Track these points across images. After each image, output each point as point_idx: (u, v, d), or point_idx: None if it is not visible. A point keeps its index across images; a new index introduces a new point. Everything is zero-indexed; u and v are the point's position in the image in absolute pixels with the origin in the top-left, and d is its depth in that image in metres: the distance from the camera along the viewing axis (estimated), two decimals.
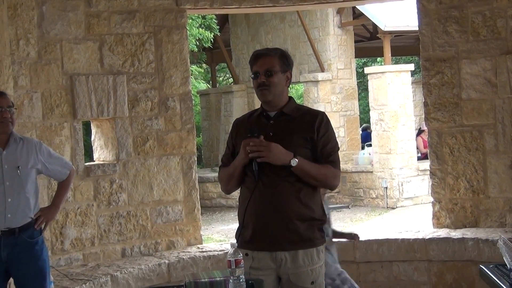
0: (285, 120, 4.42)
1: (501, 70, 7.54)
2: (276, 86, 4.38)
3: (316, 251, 4.38)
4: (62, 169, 5.50)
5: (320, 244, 4.40)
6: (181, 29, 7.87)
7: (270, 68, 4.38)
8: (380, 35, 18.17)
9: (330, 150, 4.37)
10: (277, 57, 4.43)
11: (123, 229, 7.56)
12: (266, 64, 4.39)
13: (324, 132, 4.38)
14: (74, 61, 7.32)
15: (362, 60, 29.40)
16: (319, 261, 4.39)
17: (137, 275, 7.02)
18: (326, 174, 4.34)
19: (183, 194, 7.88)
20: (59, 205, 5.54)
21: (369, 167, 17.54)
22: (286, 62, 4.45)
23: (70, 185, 5.70)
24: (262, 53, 4.48)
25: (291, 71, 4.50)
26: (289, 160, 4.24)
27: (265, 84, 4.37)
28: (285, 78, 4.43)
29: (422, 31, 7.87)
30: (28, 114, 6.94)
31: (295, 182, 4.31)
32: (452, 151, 7.77)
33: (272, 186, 4.32)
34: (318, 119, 4.40)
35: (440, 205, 7.91)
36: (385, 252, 7.51)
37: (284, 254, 4.34)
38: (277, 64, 4.40)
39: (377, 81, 17.17)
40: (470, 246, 7.21)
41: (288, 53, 4.57)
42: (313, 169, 4.30)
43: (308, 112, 4.49)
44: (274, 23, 20.63)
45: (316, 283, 4.37)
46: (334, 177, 4.39)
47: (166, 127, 7.78)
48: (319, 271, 4.39)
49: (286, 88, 4.47)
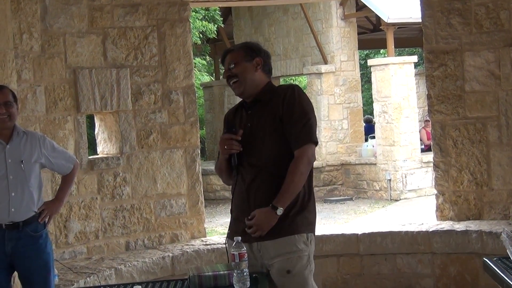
0: (260, 106, 4.42)
1: (504, 62, 7.52)
2: (242, 75, 4.41)
3: (293, 239, 4.27)
4: (66, 163, 5.50)
5: (297, 233, 4.28)
6: (184, 22, 7.87)
7: (232, 61, 4.44)
8: (383, 27, 18.18)
9: (298, 127, 4.27)
10: (241, 50, 4.49)
11: (127, 222, 7.57)
12: (230, 59, 4.46)
13: (288, 105, 4.30)
14: (77, 54, 7.32)
15: (365, 52, 29.35)
16: (299, 251, 4.27)
17: (141, 268, 7.03)
18: (299, 175, 4.24)
19: (186, 187, 7.89)
20: (63, 199, 5.54)
21: (372, 159, 17.56)
22: (250, 51, 4.47)
23: (74, 179, 5.69)
24: (226, 51, 4.55)
25: (262, 57, 4.47)
26: (276, 215, 4.20)
27: (231, 76, 4.43)
28: (253, 65, 4.43)
29: (425, 23, 7.85)
30: (32, 108, 6.95)
31: (274, 172, 4.30)
32: (455, 144, 7.77)
33: (248, 179, 4.37)
34: (283, 94, 4.35)
35: (444, 197, 7.91)
36: (389, 245, 7.51)
37: (257, 244, 4.31)
38: (240, 56, 4.44)
39: (380, 73, 17.18)
40: (473, 238, 7.21)
41: (255, 43, 4.60)
42: (291, 190, 4.23)
43: (277, 91, 4.43)
44: (277, 16, 20.62)
45: (293, 272, 4.26)
46: (304, 164, 4.25)
47: (169, 120, 7.78)
48: (298, 261, 4.26)
49: (257, 74, 4.45)
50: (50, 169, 5.53)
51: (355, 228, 7.83)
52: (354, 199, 17.49)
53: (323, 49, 18.84)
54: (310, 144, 4.28)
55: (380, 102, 17.21)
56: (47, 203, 5.37)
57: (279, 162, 4.30)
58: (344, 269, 7.59)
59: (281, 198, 4.22)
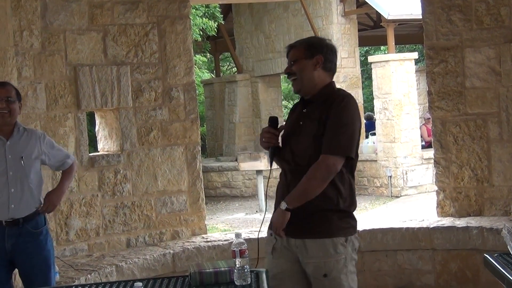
0: (313, 108, 4.43)
1: (505, 58, 7.52)
2: (300, 73, 4.42)
3: (331, 243, 4.30)
4: (64, 160, 5.51)
5: (336, 236, 4.30)
6: (184, 19, 7.87)
7: (293, 59, 4.45)
8: (384, 23, 18.17)
9: (328, 136, 4.26)
10: (302, 47, 4.47)
11: (127, 219, 7.57)
12: (291, 55, 4.48)
13: (331, 113, 4.29)
14: (77, 51, 7.32)
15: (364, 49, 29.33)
16: (336, 254, 4.29)
17: (142, 265, 7.04)
18: (313, 181, 4.25)
19: (187, 184, 7.89)
20: (63, 188, 5.51)
21: (373, 155, 17.56)
22: (311, 48, 4.44)
23: (73, 174, 5.69)
24: (289, 46, 4.55)
25: (324, 54, 4.43)
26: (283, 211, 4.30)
27: (291, 73, 4.46)
28: (312, 62, 4.41)
29: (426, 19, 7.85)
30: (32, 105, 6.95)
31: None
32: (456, 140, 7.77)
33: (290, 176, 4.43)
34: (332, 102, 4.34)
35: (444, 193, 7.91)
36: (390, 241, 7.51)
37: (295, 241, 4.36)
38: (300, 53, 4.44)
39: (381, 69, 17.17)
40: (474, 234, 7.21)
41: (319, 38, 4.60)
42: (301, 191, 4.28)
43: (331, 96, 4.40)
44: (278, 12, 20.61)
45: (329, 276, 4.29)
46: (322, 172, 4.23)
47: (170, 117, 7.78)
48: (335, 265, 4.29)
49: (316, 72, 4.42)
50: (49, 165, 5.54)
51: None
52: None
53: None
54: (336, 155, 4.24)
55: (380, 98, 17.21)
56: (48, 193, 5.37)
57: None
58: None
59: (290, 196, 4.30)
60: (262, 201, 15.57)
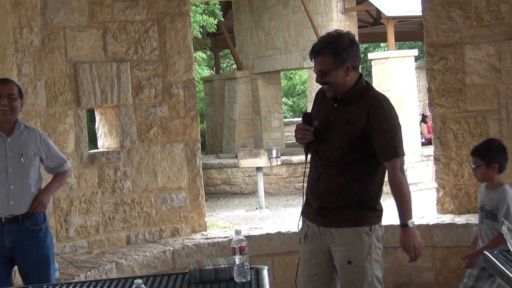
0: (345, 105, 4.52)
1: (505, 55, 7.52)
2: (334, 82, 4.46)
3: (355, 232, 4.47)
4: (58, 165, 5.47)
5: (360, 225, 4.49)
6: (184, 16, 7.87)
7: (323, 69, 4.46)
8: (384, 20, 18.15)
9: (384, 142, 4.43)
10: (329, 55, 4.42)
11: (127, 216, 7.57)
12: (319, 64, 4.48)
13: (374, 119, 4.41)
14: (77, 48, 7.31)
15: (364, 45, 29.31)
16: (360, 242, 4.47)
17: (142, 262, 7.04)
18: (400, 185, 4.48)
19: (187, 181, 7.89)
20: (52, 188, 5.49)
21: None
22: (340, 57, 4.42)
23: (65, 178, 5.67)
24: (314, 52, 4.50)
25: (352, 59, 4.46)
26: (411, 229, 4.54)
27: (323, 83, 4.50)
28: (344, 69, 4.44)
29: (426, 16, 7.85)
30: (32, 102, 6.95)
31: (341, 170, 4.49)
32: (456, 137, 7.76)
33: (320, 170, 4.59)
34: (369, 104, 4.44)
35: (444, 191, 7.91)
36: (389, 238, 7.47)
37: (324, 229, 4.57)
38: (329, 63, 4.43)
39: (380, 66, 17.14)
40: (474, 231, 7.19)
41: (343, 39, 4.49)
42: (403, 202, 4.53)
43: (365, 95, 4.50)
44: (278, 9, 20.59)
45: (353, 263, 4.47)
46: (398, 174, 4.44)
47: (170, 114, 7.78)
48: (359, 252, 4.47)
49: (349, 77, 4.47)
50: (45, 166, 5.48)
51: None
52: None
53: None
54: (397, 158, 4.45)
55: None
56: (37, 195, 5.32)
57: (348, 164, 4.48)
58: None
59: (402, 214, 4.51)
60: (262, 198, 15.57)
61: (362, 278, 4.48)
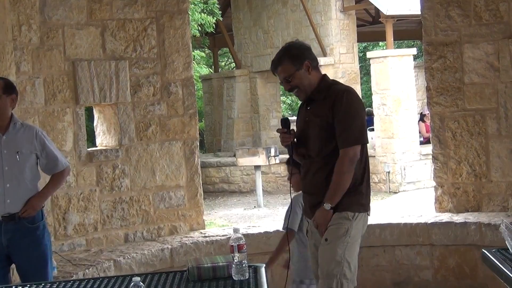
0: (314, 105, 4.83)
1: (503, 54, 7.52)
2: (301, 83, 4.78)
3: (337, 215, 4.70)
4: (54, 164, 5.40)
5: (343, 210, 4.71)
6: (183, 14, 7.86)
7: (286, 75, 4.78)
8: (383, 19, 18.14)
9: (341, 131, 4.66)
10: (289, 61, 4.77)
11: (125, 214, 7.57)
12: (282, 73, 4.81)
13: (336, 109, 4.68)
14: (76, 46, 7.31)
15: (363, 44, 29.33)
16: (338, 223, 4.69)
17: (140, 260, 7.04)
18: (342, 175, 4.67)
19: (185, 179, 7.89)
20: (47, 194, 5.47)
21: (371, 151, 17.51)
22: (296, 58, 4.76)
23: (62, 180, 5.60)
24: (274, 64, 4.84)
25: (308, 58, 4.79)
26: (326, 210, 4.70)
27: (292, 88, 4.81)
28: (304, 69, 4.76)
29: (425, 15, 7.85)
30: (31, 100, 6.94)
31: (322, 164, 4.76)
32: (454, 136, 7.77)
33: (305, 168, 4.89)
34: (334, 98, 4.71)
35: (443, 189, 7.91)
36: (388, 237, 7.52)
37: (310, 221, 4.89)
38: (289, 67, 4.76)
39: (379, 65, 17.14)
40: (472, 230, 7.22)
41: (295, 45, 4.87)
42: (336, 188, 4.69)
43: (331, 91, 4.77)
44: (276, 8, 20.57)
45: (328, 240, 4.69)
46: (346, 164, 4.67)
47: (168, 112, 7.78)
48: (335, 231, 4.68)
49: (311, 75, 4.79)
50: (40, 165, 5.42)
51: None
52: None
53: (322, 41, 18.78)
54: (352, 146, 4.67)
55: (379, 94, 17.18)
56: (30, 197, 5.28)
57: (326, 157, 4.74)
58: None
59: (328, 195, 4.70)
60: (260, 197, 15.58)
61: (331, 256, 4.67)
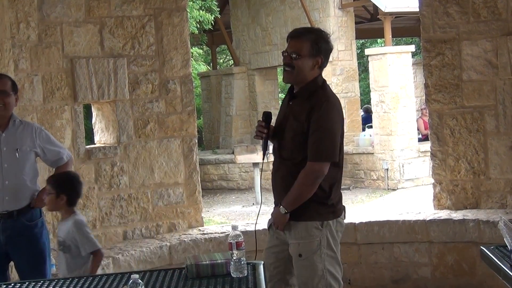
0: (297, 102, 4.63)
1: (502, 51, 7.52)
2: (300, 69, 4.54)
3: (305, 226, 4.59)
4: (59, 156, 5.46)
5: (311, 220, 4.58)
6: (181, 12, 7.85)
7: (297, 51, 4.52)
8: (381, 16, 18.14)
9: (311, 143, 4.50)
10: (309, 41, 4.53)
11: (124, 211, 7.57)
12: (295, 46, 4.55)
13: (313, 122, 4.49)
14: (74, 44, 7.30)
15: (361, 41, 29.33)
16: (309, 236, 4.58)
17: (138, 258, 7.04)
18: (303, 187, 4.55)
19: (184, 177, 7.89)
20: None
21: (370, 148, 17.55)
22: (317, 48, 4.54)
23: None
24: (295, 35, 4.60)
25: (324, 57, 4.59)
26: (281, 212, 4.63)
27: (289, 65, 4.55)
28: (313, 63, 4.54)
29: (423, 12, 7.84)
30: (29, 97, 6.94)
31: (292, 168, 4.61)
32: (452, 133, 7.77)
33: (275, 166, 4.79)
34: (313, 105, 4.52)
35: (441, 186, 7.91)
36: (386, 234, 7.52)
37: (287, 224, 4.69)
38: (306, 48, 4.52)
39: (377, 62, 17.16)
40: (471, 227, 7.22)
41: (326, 38, 4.63)
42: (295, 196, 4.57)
43: (315, 95, 4.57)
44: (275, 5, 20.58)
45: (303, 256, 4.59)
46: (310, 179, 4.53)
47: (166, 109, 7.78)
48: (308, 246, 4.59)
49: (313, 71, 4.57)
50: (44, 161, 5.50)
51: (352, 217, 7.81)
52: (351, 188, 17.46)
53: None
54: (321, 162, 4.51)
55: (377, 91, 17.19)
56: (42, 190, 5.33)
57: (298, 164, 4.58)
58: (341, 258, 7.58)
59: (286, 200, 4.61)
60: (259, 194, 15.58)
61: (312, 272, 4.60)
